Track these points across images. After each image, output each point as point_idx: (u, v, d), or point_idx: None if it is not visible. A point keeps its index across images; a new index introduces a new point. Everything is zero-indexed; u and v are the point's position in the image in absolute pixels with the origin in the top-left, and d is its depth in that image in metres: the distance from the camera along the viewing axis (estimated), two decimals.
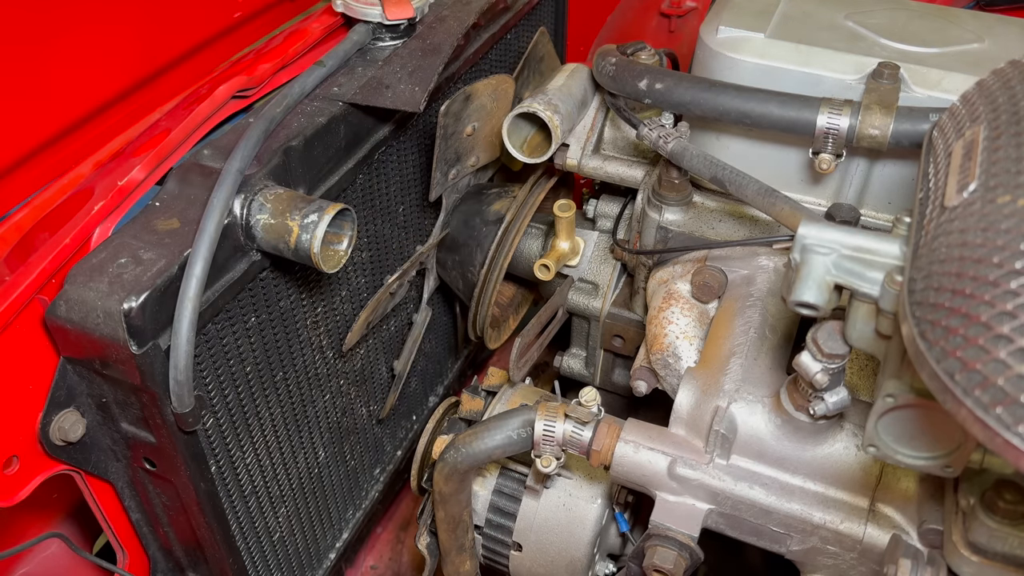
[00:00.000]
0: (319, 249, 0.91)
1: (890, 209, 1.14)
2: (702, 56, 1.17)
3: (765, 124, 1.05)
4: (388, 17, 1.18)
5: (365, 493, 1.47)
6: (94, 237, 0.93)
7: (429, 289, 1.42)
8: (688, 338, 1.10)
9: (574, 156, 1.30)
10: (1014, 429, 0.51)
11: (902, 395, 0.72)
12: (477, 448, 1.02)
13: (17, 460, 0.90)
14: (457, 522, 1.12)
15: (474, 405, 1.23)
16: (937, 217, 0.66)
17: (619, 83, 1.16)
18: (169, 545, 1.12)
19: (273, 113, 1.01)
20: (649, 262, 1.23)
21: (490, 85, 1.23)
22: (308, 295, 1.13)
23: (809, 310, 0.73)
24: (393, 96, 1.09)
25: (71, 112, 1.04)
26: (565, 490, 1.14)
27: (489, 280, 1.30)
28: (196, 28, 1.19)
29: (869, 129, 1.00)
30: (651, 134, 1.10)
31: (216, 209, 0.88)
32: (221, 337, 0.99)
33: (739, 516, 0.93)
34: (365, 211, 1.20)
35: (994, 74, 0.76)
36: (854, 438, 0.91)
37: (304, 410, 1.21)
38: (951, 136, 0.74)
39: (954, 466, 0.75)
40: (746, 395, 0.95)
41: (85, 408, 0.95)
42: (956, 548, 0.80)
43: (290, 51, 1.17)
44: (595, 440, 0.96)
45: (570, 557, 1.13)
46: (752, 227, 1.18)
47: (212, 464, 1.02)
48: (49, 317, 0.87)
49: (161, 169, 1.00)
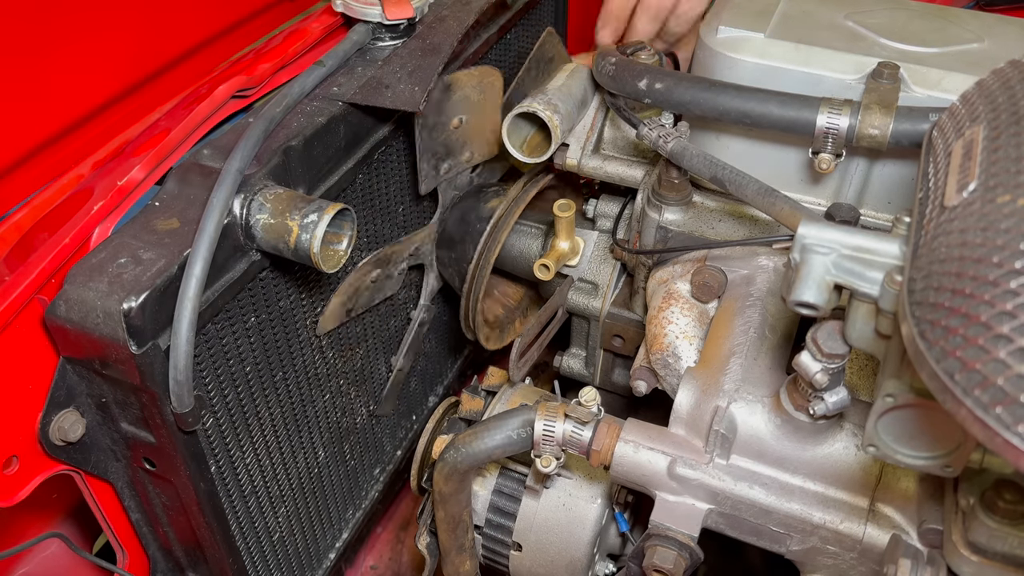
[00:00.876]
0: (319, 249, 0.91)
1: (890, 209, 1.14)
2: (702, 56, 1.17)
3: (765, 124, 1.05)
4: (388, 17, 1.18)
5: (365, 493, 1.47)
6: (94, 237, 0.93)
7: (428, 286, 1.41)
8: (688, 338, 1.10)
9: (574, 156, 1.30)
10: (1014, 429, 0.51)
11: (902, 395, 0.72)
12: (477, 448, 1.02)
13: (17, 460, 0.90)
14: (457, 522, 1.12)
15: (474, 405, 1.24)
16: (937, 217, 0.66)
17: (619, 83, 1.16)
18: (169, 545, 1.12)
19: (273, 113, 1.01)
20: (649, 262, 1.23)
21: (473, 76, 1.22)
22: (308, 295, 1.13)
23: (809, 310, 0.73)
24: (393, 96, 1.09)
25: (71, 112, 1.04)
26: (565, 490, 1.14)
27: (477, 276, 1.30)
28: (196, 28, 1.19)
29: (869, 129, 1.00)
30: (651, 134, 1.10)
31: (216, 209, 0.88)
32: (221, 337, 0.99)
33: (739, 516, 0.93)
34: (365, 211, 1.20)
35: (994, 74, 0.76)
36: (854, 438, 0.91)
37: (304, 410, 1.21)
38: (951, 136, 0.74)
39: (954, 466, 0.75)
40: (746, 395, 0.95)
41: (85, 408, 0.95)
42: (956, 548, 0.80)
43: (290, 51, 1.17)
44: (595, 440, 0.96)
45: (570, 557, 1.13)
46: (752, 227, 1.18)
47: (212, 464, 1.02)
48: (49, 317, 0.87)
49: (161, 169, 1.00)
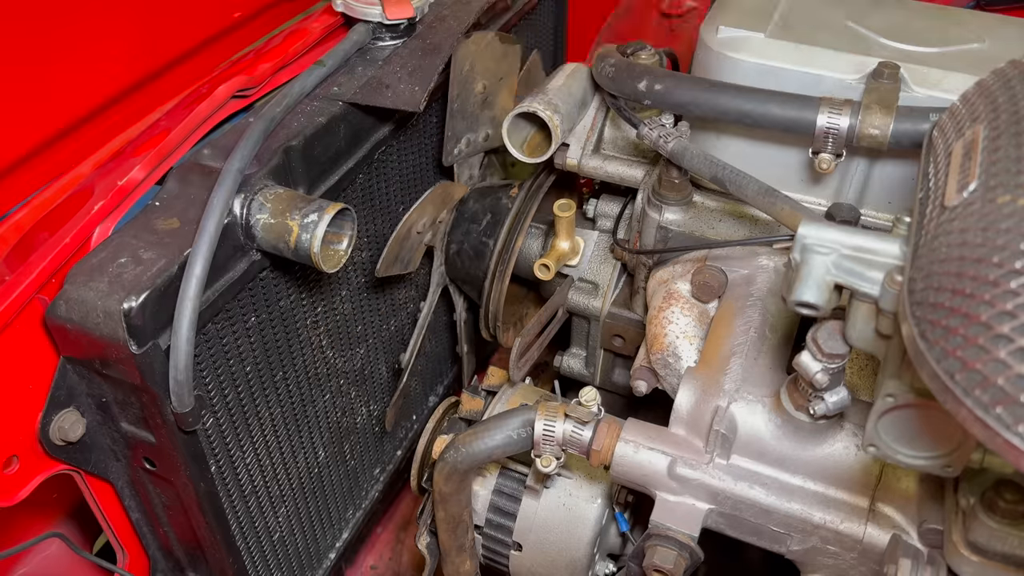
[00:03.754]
0: (319, 249, 0.91)
1: (890, 209, 1.14)
2: (702, 56, 1.17)
3: (765, 124, 1.05)
4: (388, 17, 1.18)
5: (365, 493, 1.47)
6: (94, 237, 0.93)
7: (436, 271, 1.40)
8: (688, 338, 1.10)
9: (574, 156, 1.30)
10: (1014, 429, 0.51)
11: (902, 395, 0.72)
12: (477, 448, 1.02)
13: (17, 460, 0.90)
14: (457, 522, 1.12)
15: (474, 405, 1.24)
16: (937, 217, 0.66)
17: (619, 84, 1.16)
18: (169, 545, 1.12)
19: (273, 113, 1.01)
20: (649, 262, 1.23)
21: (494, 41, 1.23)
22: (308, 295, 1.13)
23: (809, 310, 0.73)
24: (393, 96, 1.09)
25: (71, 112, 1.04)
26: (565, 490, 1.14)
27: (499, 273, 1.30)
28: (196, 28, 1.19)
29: (869, 129, 1.00)
30: (651, 134, 1.10)
31: (216, 209, 0.88)
32: (221, 337, 0.99)
33: (739, 516, 0.93)
34: (365, 211, 1.20)
35: (994, 74, 0.76)
36: (854, 438, 0.91)
37: (304, 410, 1.21)
38: (951, 136, 0.74)
39: (954, 466, 0.75)
40: (746, 395, 0.95)
41: (85, 408, 0.95)
42: (956, 548, 0.80)
43: (290, 51, 1.17)
44: (595, 440, 0.96)
45: (570, 557, 1.13)
46: (752, 227, 1.18)
47: (212, 464, 1.02)
48: (49, 317, 0.87)
49: (161, 169, 1.00)
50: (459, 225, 1.34)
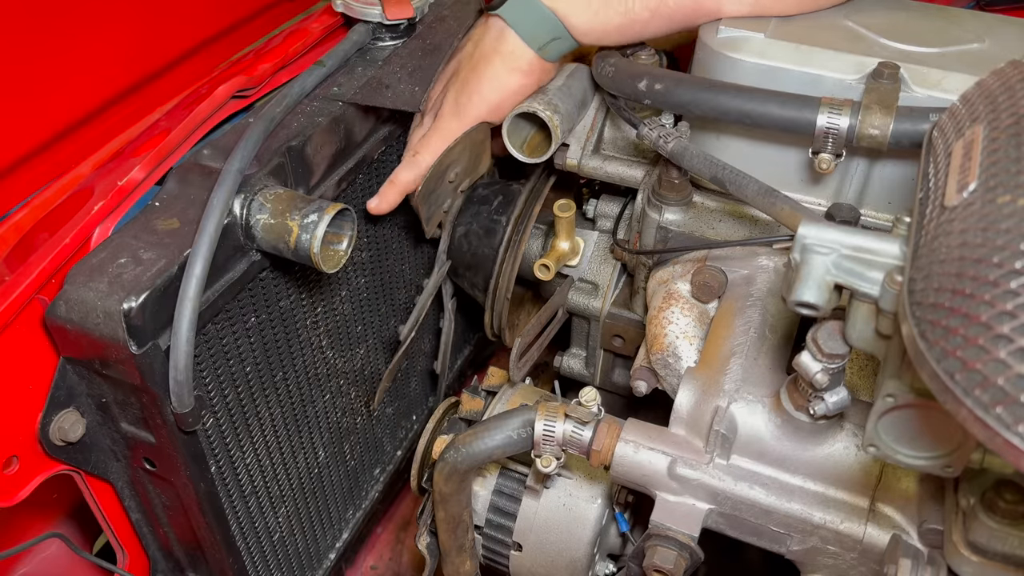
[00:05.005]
0: (319, 249, 0.91)
1: (890, 209, 1.13)
2: (702, 56, 1.17)
3: (765, 124, 1.05)
4: (388, 17, 1.18)
5: (365, 493, 1.47)
6: (94, 237, 0.93)
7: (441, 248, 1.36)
8: (688, 338, 1.10)
9: (574, 156, 1.30)
10: (1014, 429, 0.51)
11: (902, 395, 0.72)
12: (477, 448, 1.02)
13: (17, 460, 0.90)
14: (457, 522, 1.12)
15: (474, 405, 1.23)
16: (937, 217, 0.66)
17: (619, 84, 1.16)
18: (169, 545, 1.12)
19: (273, 113, 1.01)
20: (649, 262, 1.23)
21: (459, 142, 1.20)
22: (308, 295, 1.13)
23: (809, 310, 0.73)
24: (393, 96, 1.09)
25: (71, 112, 1.04)
26: (565, 490, 1.14)
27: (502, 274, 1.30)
28: (196, 28, 1.19)
29: (869, 129, 1.00)
30: (651, 134, 1.10)
31: (216, 209, 0.88)
32: (221, 337, 0.99)
33: (739, 516, 0.93)
34: (365, 211, 1.20)
35: (994, 74, 0.76)
36: (854, 438, 0.91)
37: (304, 410, 1.21)
38: (951, 136, 0.74)
39: (954, 466, 0.75)
40: (746, 395, 0.95)
41: (85, 408, 0.95)
42: (956, 548, 0.80)
43: (290, 51, 1.17)
44: (595, 440, 0.96)
45: (570, 557, 1.13)
46: (752, 227, 1.18)
47: (212, 464, 1.02)
48: (49, 317, 0.87)
49: (161, 169, 1.00)
50: (468, 208, 1.32)
